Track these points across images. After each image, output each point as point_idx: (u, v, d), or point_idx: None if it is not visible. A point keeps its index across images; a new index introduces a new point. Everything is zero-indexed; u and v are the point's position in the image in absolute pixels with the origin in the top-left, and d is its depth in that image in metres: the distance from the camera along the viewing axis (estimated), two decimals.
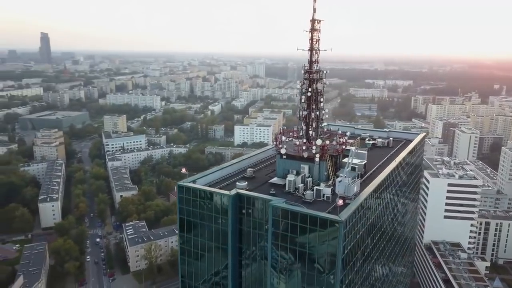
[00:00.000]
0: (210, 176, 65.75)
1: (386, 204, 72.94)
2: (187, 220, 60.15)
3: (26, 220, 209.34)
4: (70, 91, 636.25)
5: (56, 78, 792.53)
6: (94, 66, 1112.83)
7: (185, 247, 63.12)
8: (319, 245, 51.82)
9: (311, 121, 66.66)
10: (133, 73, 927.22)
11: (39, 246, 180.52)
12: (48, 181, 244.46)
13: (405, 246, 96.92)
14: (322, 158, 63.73)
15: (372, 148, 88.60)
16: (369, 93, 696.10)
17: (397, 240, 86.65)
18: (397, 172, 77.42)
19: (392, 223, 79.66)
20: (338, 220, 49.03)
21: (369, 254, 64.79)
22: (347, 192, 56.20)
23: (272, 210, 53.17)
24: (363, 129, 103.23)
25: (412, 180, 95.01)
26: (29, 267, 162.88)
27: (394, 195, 78.92)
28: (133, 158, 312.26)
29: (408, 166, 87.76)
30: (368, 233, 62.41)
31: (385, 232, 74.50)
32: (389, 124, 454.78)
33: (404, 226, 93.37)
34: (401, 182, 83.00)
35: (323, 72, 67.31)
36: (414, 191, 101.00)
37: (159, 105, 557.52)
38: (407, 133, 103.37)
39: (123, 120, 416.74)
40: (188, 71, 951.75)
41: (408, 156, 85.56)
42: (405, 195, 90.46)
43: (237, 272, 58.97)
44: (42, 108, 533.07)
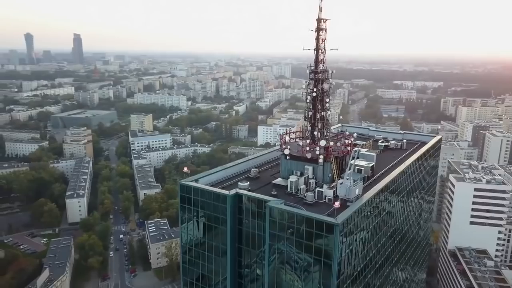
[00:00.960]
0: (214, 175, 65.90)
1: (393, 208, 71.24)
2: (188, 218, 60.77)
3: (54, 215, 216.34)
4: (100, 90, 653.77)
5: (87, 78, 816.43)
6: (124, 66, 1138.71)
7: (186, 246, 63.57)
8: (315, 248, 51.29)
9: (317, 121, 65.77)
10: (161, 73, 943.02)
11: (65, 241, 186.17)
12: (76, 178, 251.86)
13: (417, 251, 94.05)
14: (326, 159, 62.88)
15: (384, 150, 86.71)
16: (396, 95, 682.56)
17: (407, 245, 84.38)
18: (407, 175, 75.60)
19: (401, 227, 77.70)
20: (334, 223, 48.26)
21: (373, 258, 63.46)
22: (348, 195, 55.27)
23: (270, 211, 52.86)
24: (377, 131, 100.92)
25: (426, 184, 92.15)
26: (55, 261, 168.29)
27: (403, 199, 76.95)
28: (158, 157, 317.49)
29: (421, 169, 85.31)
30: (372, 237, 61.13)
31: (393, 236, 72.80)
32: (417, 126, 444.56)
33: (416, 230, 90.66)
34: (412, 186, 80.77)
35: (328, 72, 66.05)
36: (428, 194, 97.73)
37: (185, 105, 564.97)
38: (422, 135, 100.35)
39: (149, 119, 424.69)
40: (215, 72, 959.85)
41: (421, 158, 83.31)
42: (417, 199, 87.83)
43: (236, 272, 58.85)
44: (73, 106, 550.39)
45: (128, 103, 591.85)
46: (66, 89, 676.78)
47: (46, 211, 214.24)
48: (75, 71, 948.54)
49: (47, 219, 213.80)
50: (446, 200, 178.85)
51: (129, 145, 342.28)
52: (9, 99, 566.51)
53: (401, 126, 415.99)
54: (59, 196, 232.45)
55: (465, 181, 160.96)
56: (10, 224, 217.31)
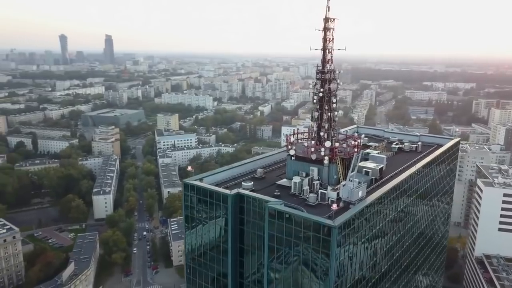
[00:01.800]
0: (219, 175, 66.01)
1: (402, 211, 69.31)
2: (191, 217, 61.20)
3: (81, 210, 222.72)
4: (129, 90, 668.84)
5: (117, 78, 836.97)
6: (153, 66, 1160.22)
7: (190, 244, 64.01)
8: (312, 250, 50.74)
9: (324, 122, 64.80)
10: (189, 73, 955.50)
11: (90, 236, 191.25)
12: (103, 175, 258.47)
13: (432, 257, 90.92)
14: (332, 160, 61.97)
15: (398, 153, 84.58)
16: (426, 96, 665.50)
17: (419, 250, 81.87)
18: (418, 178, 73.40)
19: (411, 231, 75.50)
20: (331, 225, 47.35)
21: (378, 263, 61.98)
22: (350, 197, 54.18)
23: (269, 211, 52.55)
24: (392, 132, 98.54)
25: (441, 187, 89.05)
26: (81, 255, 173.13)
27: (414, 202, 74.70)
28: (182, 156, 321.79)
29: (435, 172, 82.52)
30: (376, 240, 59.66)
31: (401, 241, 70.79)
32: (446, 129, 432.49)
33: (430, 235, 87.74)
34: (425, 189, 78.32)
35: (335, 72, 64.99)
36: (444, 199, 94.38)
37: (211, 105, 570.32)
38: (440, 137, 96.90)
39: (175, 119, 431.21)
40: (241, 72, 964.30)
41: (434, 161, 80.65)
42: (430, 203, 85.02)
43: (237, 272, 58.77)
44: (102, 106, 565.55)
45: (155, 102, 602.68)
46: (96, 89, 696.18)
47: (74, 206, 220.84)
48: (106, 71, 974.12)
49: (74, 214, 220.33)
50: (473, 206, 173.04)
51: (155, 144, 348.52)
52: (43, 98, 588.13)
53: (430, 128, 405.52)
54: (86, 192, 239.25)
55: (494, 186, 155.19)
56: (40, 218, 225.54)
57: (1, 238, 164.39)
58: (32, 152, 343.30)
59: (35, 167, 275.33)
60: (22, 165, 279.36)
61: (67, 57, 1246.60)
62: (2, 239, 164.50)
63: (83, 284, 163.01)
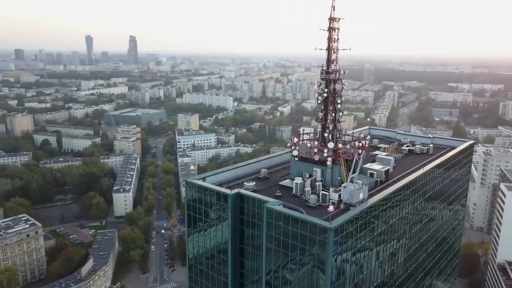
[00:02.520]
0: (223, 174, 66.09)
1: (408, 215, 67.82)
2: (193, 216, 61.50)
3: (101, 208, 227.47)
4: (151, 90, 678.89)
5: (140, 78, 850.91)
6: (175, 67, 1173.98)
7: (192, 243, 64.42)
8: (309, 252, 50.20)
9: (328, 123, 64.13)
10: (210, 74, 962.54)
11: (109, 233, 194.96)
12: (123, 173, 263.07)
13: (442, 262, 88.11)
14: (335, 162, 61.17)
15: (408, 155, 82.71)
16: (451, 97, 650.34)
17: (427, 256, 79.57)
18: (426, 181, 71.55)
19: (418, 236, 73.64)
20: (327, 227, 46.67)
21: (379, 268, 60.86)
22: (351, 199, 53.36)
23: (267, 212, 52.36)
24: (405, 134, 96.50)
25: (452, 191, 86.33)
26: (100, 251, 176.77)
27: (421, 206, 72.71)
28: (202, 155, 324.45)
29: (446, 175, 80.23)
30: (377, 244, 58.67)
31: (406, 245, 69.20)
32: (471, 131, 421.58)
33: (438, 239, 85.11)
34: (433, 192, 76.12)
35: (340, 73, 64.22)
36: (455, 203, 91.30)
37: (231, 105, 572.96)
38: (453, 140, 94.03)
39: (195, 119, 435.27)
40: (262, 73, 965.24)
41: (445, 164, 78.41)
42: (440, 207, 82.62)
43: (237, 272, 58.67)
44: (125, 105, 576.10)
45: (177, 102, 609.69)
46: (120, 88, 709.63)
47: (95, 204, 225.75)
48: (129, 71, 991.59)
49: (95, 211, 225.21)
50: (496, 210, 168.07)
51: (175, 143, 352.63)
52: (69, 98, 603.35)
53: (454, 131, 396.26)
54: (107, 190, 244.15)
55: None
56: (62, 215, 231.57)
57: (24, 233, 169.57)
58: (57, 150, 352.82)
59: (59, 164, 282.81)
60: (46, 162, 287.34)
61: (92, 58, 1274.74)
62: (25, 234, 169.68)
63: (102, 280, 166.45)
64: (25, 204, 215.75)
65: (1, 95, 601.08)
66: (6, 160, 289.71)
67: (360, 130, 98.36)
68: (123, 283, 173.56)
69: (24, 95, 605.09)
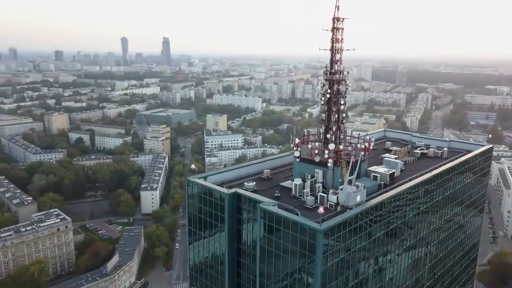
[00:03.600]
0: (226, 174, 66.14)
1: (409, 220, 65.60)
2: (193, 214, 62.08)
3: (129, 205, 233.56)
4: (182, 90, 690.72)
5: (172, 79, 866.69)
6: (207, 68, 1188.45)
7: (192, 241, 65.15)
8: (300, 253, 49.60)
9: (331, 124, 63.07)
10: (241, 75, 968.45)
11: (136, 230, 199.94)
12: (151, 172, 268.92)
13: (454, 271, 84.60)
14: (337, 163, 60.05)
15: (421, 158, 79.89)
16: (488, 100, 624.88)
17: (434, 265, 76.44)
18: (434, 185, 68.89)
19: (423, 242, 70.93)
20: (317, 229, 45.81)
21: (378, 273, 59.41)
22: (347, 201, 52.20)
23: (260, 212, 52.06)
24: (420, 137, 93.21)
25: (466, 197, 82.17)
26: (125, 247, 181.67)
27: (427, 211, 69.88)
28: (228, 156, 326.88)
29: (458, 180, 76.65)
30: (374, 249, 57.26)
31: (408, 251, 66.90)
32: (509, 136, 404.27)
33: (449, 247, 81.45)
34: (442, 198, 73.14)
35: (343, 73, 63.05)
36: (470, 210, 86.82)
37: (260, 106, 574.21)
38: (471, 144, 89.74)
39: (223, 119, 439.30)
40: (293, 74, 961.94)
41: (457, 168, 75.02)
42: (450, 213, 78.99)
43: (234, 272, 58.61)
44: (156, 105, 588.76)
45: (207, 103, 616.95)
46: (152, 89, 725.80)
47: (123, 201, 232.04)
48: (162, 72, 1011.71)
49: (123, 208, 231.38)
50: None
51: (203, 143, 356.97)
52: (103, 97, 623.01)
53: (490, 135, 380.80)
54: (135, 188, 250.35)
55: None
56: (92, 210, 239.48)
57: (55, 227, 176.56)
58: (90, 148, 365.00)
59: (90, 162, 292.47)
60: (79, 159, 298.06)
61: (127, 59, 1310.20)
62: (56, 228, 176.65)
63: (126, 275, 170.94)
64: (58, 199, 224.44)
65: (41, 94, 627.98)
66: (42, 156, 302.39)
67: (375, 132, 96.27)
68: (147, 279, 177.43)
69: (62, 95, 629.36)
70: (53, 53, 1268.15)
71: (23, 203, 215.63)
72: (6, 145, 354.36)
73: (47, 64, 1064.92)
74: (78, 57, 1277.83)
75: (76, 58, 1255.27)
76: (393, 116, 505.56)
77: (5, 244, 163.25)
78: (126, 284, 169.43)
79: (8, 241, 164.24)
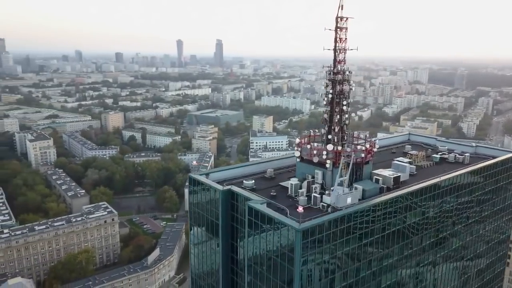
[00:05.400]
0: (230, 171, 66.65)
1: (409, 227, 62.26)
2: (194, 210, 63.22)
3: (173, 201, 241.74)
4: (232, 92, 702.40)
5: (223, 80, 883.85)
6: (258, 70, 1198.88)
7: (193, 236, 66.39)
8: (281, 252, 49.03)
9: (334, 125, 61.54)
10: (291, 77, 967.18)
11: (178, 226, 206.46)
12: (197, 170, 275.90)
13: (470, 284, 78.11)
14: (336, 164, 58.41)
15: (440, 163, 75.14)
16: None
17: (446, 274, 71.37)
18: (442, 191, 64.65)
19: (429, 251, 66.81)
20: (295, 228, 44.84)
21: (370, 279, 57.19)
22: (337, 203, 50.33)
23: (248, 210, 52.03)
24: (445, 142, 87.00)
25: (486, 207, 75.51)
26: (167, 242, 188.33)
27: (433, 220, 65.56)
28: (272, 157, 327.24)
29: (475, 188, 70.96)
30: (366, 254, 55.48)
31: (410, 259, 63.44)
32: None
33: (465, 257, 75.46)
34: (454, 205, 68.14)
35: (346, 73, 61.30)
36: (491, 221, 79.22)
37: (307, 108, 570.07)
38: (500, 150, 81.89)
39: (269, 121, 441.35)
40: None
41: (476, 174, 69.64)
42: (464, 223, 72.74)
43: (229, 268, 58.78)
44: (207, 106, 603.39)
45: (255, 104, 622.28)
46: (204, 90, 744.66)
47: (168, 197, 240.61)
48: (214, 73, 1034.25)
49: (168, 204, 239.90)
50: None
51: (249, 144, 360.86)
52: (157, 97, 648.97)
53: None
54: (180, 185, 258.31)
55: None
56: (139, 205, 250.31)
57: (102, 219, 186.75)
58: (141, 145, 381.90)
59: (140, 159, 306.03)
60: (130, 156, 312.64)
61: (182, 60, 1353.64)
62: (103, 220, 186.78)
63: (166, 269, 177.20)
64: (108, 193, 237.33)
65: (100, 94, 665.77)
66: (97, 152, 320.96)
67: (399, 135, 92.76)
68: (185, 275, 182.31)
69: (119, 94, 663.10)
70: (114, 55, 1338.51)
71: (77, 195, 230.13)
72: (67, 141, 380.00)
73: (108, 65, 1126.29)
74: (136, 59, 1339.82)
75: (135, 60, 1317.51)
76: (449, 121, 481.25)
77: (57, 232, 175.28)
78: (165, 278, 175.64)
79: (60, 230, 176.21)
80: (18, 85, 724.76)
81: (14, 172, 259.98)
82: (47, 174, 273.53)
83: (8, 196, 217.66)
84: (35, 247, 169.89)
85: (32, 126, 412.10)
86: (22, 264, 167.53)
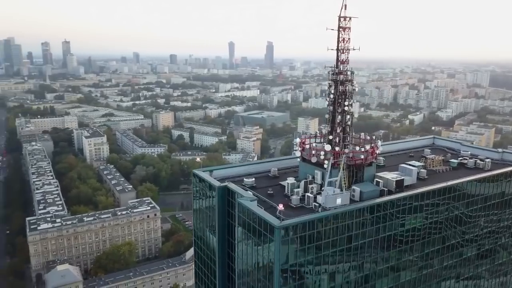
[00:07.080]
0: (234, 169, 66.98)
1: (410, 232, 59.58)
2: (197, 205, 64.20)
3: None
4: (280, 94, 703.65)
5: (272, 82, 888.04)
6: (308, 71, 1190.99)
7: (195, 230, 67.58)
8: (263, 249, 48.82)
9: (336, 125, 60.18)
10: None
11: None
12: None
13: None
14: (334, 165, 56.79)
15: (457, 168, 70.51)
16: None
17: None
18: (448, 197, 60.81)
19: (431, 259, 63.07)
20: (274, 225, 44.26)
21: (360, 283, 55.23)
22: (326, 203, 48.85)
23: (238, 206, 52.05)
24: (470, 147, 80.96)
25: (497, 219, 68.95)
26: None
27: (433, 228, 61.59)
28: None
29: (489, 196, 65.57)
30: (353, 257, 53.81)
31: (408, 267, 60.44)
32: None
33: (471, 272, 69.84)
34: (460, 213, 63.55)
35: (348, 73, 59.49)
36: (504, 231, 71.98)
37: (356, 110, 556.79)
38: None
39: (315, 123, 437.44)
40: (398, 78, 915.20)
41: (490, 181, 64.54)
42: (473, 232, 67.11)
43: (226, 263, 59.06)
44: (254, 107, 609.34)
45: (302, 106, 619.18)
46: (252, 92, 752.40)
47: None
48: (263, 75, 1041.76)
49: None
50: None
51: (292, 145, 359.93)
52: (207, 98, 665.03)
53: None
54: None
55: None
56: (182, 202, 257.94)
57: (145, 214, 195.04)
58: (188, 144, 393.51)
59: (186, 157, 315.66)
60: (177, 154, 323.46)
61: (233, 62, 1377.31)
62: (146, 215, 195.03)
63: None
64: (153, 190, 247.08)
65: (153, 94, 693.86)
66: (146, 150, 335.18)
67: (422, 139, 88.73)
68: None
69: (171, 95, 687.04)
70: (168, 57, 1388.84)
71: (125, 190, 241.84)
72: (119, 138, 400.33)
73: (162, 67, 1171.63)
74: (189, 61, 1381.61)
75: (188, 62, 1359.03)
76: (509, 127, 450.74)
77: (103, 224, 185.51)
78: None
79: (106, 222, 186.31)
80: (80, 85, 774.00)
81: (70, 166, 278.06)
82: (99, 169, 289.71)
83: (63, 188, 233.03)
84: (83, 237, 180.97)
85: (90, 123, 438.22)
86: (71, 252, 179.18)
